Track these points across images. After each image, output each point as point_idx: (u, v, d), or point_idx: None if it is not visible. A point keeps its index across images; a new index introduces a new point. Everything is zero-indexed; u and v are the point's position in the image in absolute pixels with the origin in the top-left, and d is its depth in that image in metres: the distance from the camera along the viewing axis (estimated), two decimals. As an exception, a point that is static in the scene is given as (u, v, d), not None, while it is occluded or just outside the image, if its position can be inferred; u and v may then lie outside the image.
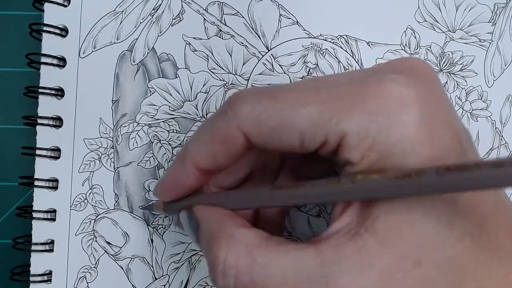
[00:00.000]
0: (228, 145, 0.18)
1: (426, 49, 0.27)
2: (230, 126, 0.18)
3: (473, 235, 0.16)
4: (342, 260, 0.16)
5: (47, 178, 0.26)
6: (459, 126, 0.17)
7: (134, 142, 0.26)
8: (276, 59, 0.27)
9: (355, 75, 0.18)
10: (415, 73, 0.17)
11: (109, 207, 0.26)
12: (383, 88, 0.16)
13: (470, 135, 0.18)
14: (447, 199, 0.16)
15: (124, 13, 0.27)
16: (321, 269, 0.16)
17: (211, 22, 0.27)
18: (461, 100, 0.27)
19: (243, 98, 0.17)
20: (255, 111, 0.17)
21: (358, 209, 0.17)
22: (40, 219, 0.26)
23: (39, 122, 0.26)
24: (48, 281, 0.26)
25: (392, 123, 0.16)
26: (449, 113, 0.17)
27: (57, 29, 0.26)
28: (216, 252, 0.17)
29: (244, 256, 0.17)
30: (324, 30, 0.27)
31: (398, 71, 0.17)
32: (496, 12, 0.27)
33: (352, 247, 0.16)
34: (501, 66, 0.27)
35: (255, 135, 0.17)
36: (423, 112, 0.16)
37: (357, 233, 0.16)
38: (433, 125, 0.16)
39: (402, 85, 0.16)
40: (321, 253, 0.16)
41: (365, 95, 0.16)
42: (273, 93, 0.17)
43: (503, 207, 0.17)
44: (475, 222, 0.16)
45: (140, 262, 0.26)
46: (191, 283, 0.26)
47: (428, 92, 0.17)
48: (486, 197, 0.17)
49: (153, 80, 0.27)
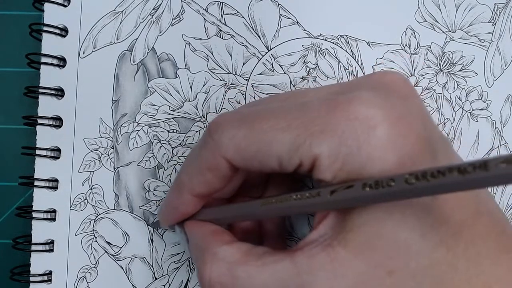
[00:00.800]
0: (216, 171, 0.19)
1: (426, 49, 0.27)
2: (213, 156, 0.19)
3: (448, 244, 0.16)
4: (316, 269, 0.17)
5: (47, 178, 0.26)
6: (433, 139, 0.18)
7: (134, 142, 0.26)
8: (276, 59, 0.27)
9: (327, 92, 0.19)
10: (389, 90, 0.18)
11: (109, 207, 0.26)
12: (351, 110, 0.17)
13: (447, 144, 0.19)
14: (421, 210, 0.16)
15: (124, 13, 0.27)
16: (297, 279, 0.17)
17: (211, 22, 0.27)
18: (461, 100, 0.27)
19: (222, 127, 0.19)
20: (235, 140, 0.18)
21: (333, 221, 0.18)
22: (40, 219, 0.26)
23: (39, 122, 0.26)
24: (48, 281, 0.26)
25: (360, 145, 0.17)
26: (423, 127, 0.18)
27: (57, 29, 0.26)
28: (202, 269, 0.19)
29: (226, 273, 0.18)
30: (324, 30, 0.27)
31: (372, 87, 0.18)
32: (496, 12, 0.27)
33: (325, 257, 0.17)
34: (501, 66, 0.27)
35: (238, 161, 0.19)
36: (390, 131, 0.17)
37: (330, 245, 0.17)
38: (402, 142, 0.17)
39: (369, 105, 0.17)
40: (297, 263, 0.17)
41: (335, 118, 0.17)
42: (250, 120, 0.18)
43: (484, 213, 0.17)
44: (452, 230, 0.16)
45: (140, 262, 0.26)
46: (191, 283, 0.26)
47: (398, 109, 0.17)
48: (464, 204, 0.17)
49: (153, 80, 0.27)
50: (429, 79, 0.27)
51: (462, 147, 0.26)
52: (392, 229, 0.16)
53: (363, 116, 0.17)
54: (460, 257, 0.16)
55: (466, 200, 0.17)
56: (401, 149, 0.17)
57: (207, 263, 0.19)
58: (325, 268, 0.17)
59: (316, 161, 0.17)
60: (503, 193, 0.27)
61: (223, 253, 0.19)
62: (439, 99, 0.27)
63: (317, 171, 0.17)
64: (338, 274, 0.16)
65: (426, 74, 0.27)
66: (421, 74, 0.27)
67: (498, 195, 0.27)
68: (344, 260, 0.16)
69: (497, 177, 0.13)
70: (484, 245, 0.17)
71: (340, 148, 0.17)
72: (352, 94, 0.17)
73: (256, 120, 0.18)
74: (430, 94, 0.27)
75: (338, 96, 0.18)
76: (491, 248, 0.17)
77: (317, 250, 0.17)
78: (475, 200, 0.17)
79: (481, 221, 0.17)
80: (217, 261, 0.19)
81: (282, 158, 0.18)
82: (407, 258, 0.16)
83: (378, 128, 0.17)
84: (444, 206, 0.16)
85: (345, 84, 0.21)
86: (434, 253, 0.16)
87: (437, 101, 0.27)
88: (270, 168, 0.18)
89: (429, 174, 0.14)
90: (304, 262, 0.17)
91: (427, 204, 0.16)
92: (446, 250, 0.16)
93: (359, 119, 0.17)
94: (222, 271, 0.18)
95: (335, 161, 0.17)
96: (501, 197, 0.27)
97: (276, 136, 0.18)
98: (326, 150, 0.17)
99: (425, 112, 0.19)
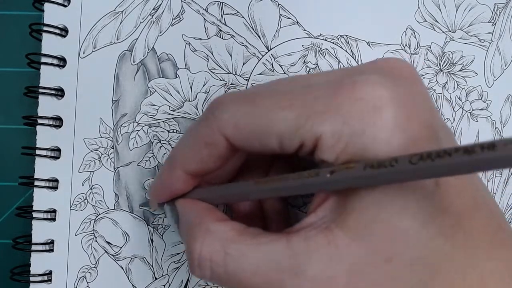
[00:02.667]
0: (212, 149, 0.19)
1: (426, 49, 0.27)
2: (212, 131, 0.18)
3: (447, 234, 0.16)
4: (311, 251, 0.16)
5: (47, 178, 0.26)
6: (437, 125, 0.18)
7: (134, 142, 0.26)
8: (276, 59, 0.27)
9: (332, 75, 0.18)
10: (394, 74, 0.18)
11: (109, 207, 0.26)
12: (357, 90, 0.16)
13: (450, 133, 0.19)
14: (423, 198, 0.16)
15: (124, 13, 0.27)
16: (290, 260, 0.16)
17: (211, 22, 0.27)
18: (461, 100, 0.27)
19: (223, 104, 0.18)
20: (235, 117, 0.18)
21: (332, 204, 0.17)
22: (40, 219, 0.26)
23: (39, 122, 0.26)
24: (48, 281, 0.26)
25: (365, 126, 0.16)
26: (428, 113, 0.17)
27: (57, 29, 0.26)
28: (192, 245, 0.18)
29: (218, 249, 0.18)
30: (324, 30, 0.27)
31: (377, 71, 0.18)
32: (496, 12, 0.27)
33: (322, 240, 0.16)
34: (501, 66, 0.27)
35: (236, 139, 0.18)
36: (396, 113, 0.16)
37: (328, 228, 0.17)
38: (407, 125, 0.16)
39: (376, 86, 0.16)
40: (292, 244, 0.17)
41: (339, 98, 0.17)
42: (252, 98, 0.18)
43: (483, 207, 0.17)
44: (450, 222, 0.16)
45: (140, 262, 0.26)
46: (191, 283, 0.26)
47: (404, 92, 0.17)
48: (463, 197, 0.17)
49: (153, 80, 0.27)
50: (429, 79, 0.27)
51: (462, 147, 0.26)
52: (393, 215, 0.16)
53: (369, 96, 0.16)
54: (457, 248, 0.16)
55: (466, 191, 0.17)
56: (407, 133, 0.16)
57: (198, 239, 0.18)
58: (321, 251, 0.16)
59: (318, 141, 0.17)
60: (503, 193, 0.27)
61: (216, 229, 0.18)
62: (439, 99, 0.27)
63: (319, 151, 0.17)
64: (334, 258, 0.16)
65: (426, 74, 0.27)
66: (421, 74, 0.27)
67: (498, 195, 0.27)
68: (341, 244, 0.16)
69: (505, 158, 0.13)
70: (481, 239, 0.16)
71: (343, 128, 0.16)
72: (358, 76, 0.17)
73: (258, 98, 0.18)
74: (430, 94, 0.27)
75: (342, 78, 0.17)
76: (487, 242, 0.16)
77: (315, 233, 0.17)
78: (474, 194, 0.17)
79: (479, 215, 0.17)
80: (210, 237, 0.18)
81: (283, 138, 0.17)
82: (406, 246, 0.16)
83: (384, 109, 0.16)
84: (445, 196, 0.16)
85: (349, 68, 0.21)
86: (432, 242, 0.16)
87: (437, 101, 0.27)
88: (270, 148, 0.18)
89: (434, 154, 0.14)
90: (300, 243, 0.17)
91: (430, 192, 0.16)
92: (444, 240, 0.16)
93: (365, 99, 0.16)
94: (214, 247, 0.18)
95: (338, 141, 0.16)
96: (501, 197, 0.27)
97: (277, 114, 0.17)
98: (329, 129, 0.16)
99: (429, 97, 0.18)
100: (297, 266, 0.16)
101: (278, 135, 0.17)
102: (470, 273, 0.16)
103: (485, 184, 0.22)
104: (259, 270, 0.17)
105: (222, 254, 0.17)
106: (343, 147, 0.16)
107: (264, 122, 0.17)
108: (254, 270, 0.17)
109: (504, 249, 0.17)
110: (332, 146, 0.16)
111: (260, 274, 0.17)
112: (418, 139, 0.16)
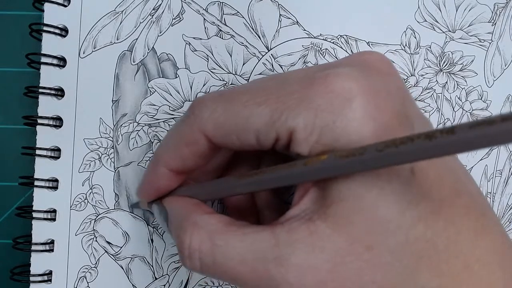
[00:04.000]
0: (193, 147, 0.20)
1: (426, 49, 0.27)
2: (192, 130, 0.19)
3: (427, 221, 0.16)
4: (295, 242, 0.17)
5: (47, 178, 0.26)
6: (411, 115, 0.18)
7: (134, 142, 0.26)
8: (276, 59, 0.27)
9: (308, 71, 0.19)
10: (367, 67, 0.18)
11: (109, 207, 0.26)
12: (328, 83, 0.17)
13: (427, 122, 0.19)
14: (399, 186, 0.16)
15: (124, 13, 0.27)
16: (275, 250, 0.17)
17: (211, 22, 0.27)
18: (461, 100, 0.27)
19: (203, 103, 0.19)
20: (214, 114, 0.19)
21: (314, 196, 0.18)
22: (40, 219, 0.26)
23: (39, 122, 0.26)
24: (48, 281, 0.26)
25: (336, 117, 0.17)
26: (400, 102, 0.18)
27: (57, 29, 0.26)
28: (182, 238, 0.19)
29: (206, 241, 0.18)
30: (324, 30, 0.27)
31: (350, 65, 0.18)
32: (496, 12, 0.27)
33: (304, 230, 0.17)
34: (501, 66, 0.27)
35: (216, 137, 0.19)
36: (366, 103, 0.17)
37: (310, 219, 0.17)
38: (377, 114, 0.17)
39: (347, 79, 0.17)
40: (276, 235, 0.17)
41: (311, 92, 0.17)
42: (230, 96, 0.19)
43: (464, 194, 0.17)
44: (430, 209, 0.16)
45: (140, 262, 0.26)
46: (191, 283, 0.26)
47: (375, 84, 0.17)
48: (443, 183, 0.17)
49: (153, 80, 0.27)
50: (429, 79, 0.27)
51: (462, 147, 0.26)
52: (371, 204, 0.16)
53: (340, 89, 0.17)
54: (439, 235, 0.16)
55: (445, 179, 0.17)
56: (377, 122, 0.17)
57: (187, 231, 0.19)
58: (304, 241, 0.17)
59: (292, 134, 0.17)
60: (503, 193, 0.27)
61: (204, 221, 0.19)
62: (439, 99, 0.27)
63: (293, 144, 0.17)
64: (316, 248, 0.17)
65: (426, 74, 0.27)
66: (421, 74, 0.27)
67: (498, 195, 0.27)
68: (323, 234, 0.17)
69: (463, 142, 0.13)
70: (464, 225, 0.17)
71: (315, 120, 0.17)
72: (330, 70, 0.18)
73: (236, 95, 0.18)
74: (430, 94, 0.27)
75: (315, 73, 0.18)
76: (470, 228, 0.17)
77: (298, 224, 0.17)
78: (454, 180, 0.17)
79: (460, 201, 0.17)
80: (198, 229, 0.19)
81: (259, 133, 0.18)
82: (386, 234, 0.16)
83: (354, 100, 0.17)
84: (423, 184, 0.17)
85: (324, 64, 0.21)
86: (413, 229, 0.16)
87: (437, 101, 0.27)
88: (249, 144, 0.18)
89: (398, 141, 0.14)
90: (283, 234, 0.17)
91: (406, 180, 0.16)
92: (425, 227, 0.16)
93: (335, 92, 0.17)
94: (202, 238, 0.18)
95: (311, 134, 0.17)
96: (501, 197, 0.27)
97: (253, 110, 0.18)
98: (301, 122, 0.17)
99: (404, 89, 0.19)
100: (281, 256, 0.17)
101: (255, 130, 0.18)
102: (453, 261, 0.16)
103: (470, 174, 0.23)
104: (245, 259, 0.18)
105: (210, 245, 0.18)
106: (316, 139, 0.17)
107: (241, 118, 0.18)
108: (241, 259, 0.18)
109: (488, 236, 0.17)
110: (305, 139, 0.17)
111: (246, 263, 0.18)
112: (390, 128, 0.17)
